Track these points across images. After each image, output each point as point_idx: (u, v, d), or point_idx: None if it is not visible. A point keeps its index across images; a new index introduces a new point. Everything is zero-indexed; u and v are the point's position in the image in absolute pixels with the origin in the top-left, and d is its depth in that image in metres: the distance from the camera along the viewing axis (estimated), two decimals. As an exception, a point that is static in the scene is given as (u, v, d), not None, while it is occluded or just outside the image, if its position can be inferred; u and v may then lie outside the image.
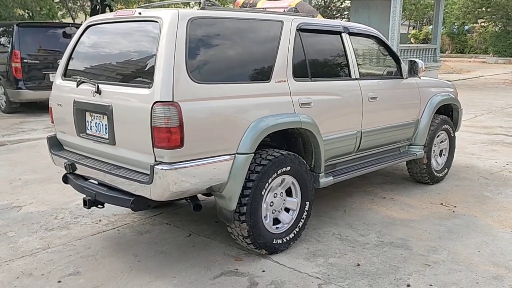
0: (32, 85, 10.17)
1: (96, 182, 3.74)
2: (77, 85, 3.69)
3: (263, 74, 3.66)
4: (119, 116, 3.34)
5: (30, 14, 13.91)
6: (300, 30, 3.98)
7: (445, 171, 5.71)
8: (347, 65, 4.39)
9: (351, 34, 4.49)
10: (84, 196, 3.64)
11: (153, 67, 3.16)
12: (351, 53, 4.41)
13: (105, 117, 3.46)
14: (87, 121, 3.66)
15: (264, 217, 3.67)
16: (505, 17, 32.20)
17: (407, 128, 5.08)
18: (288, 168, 3.70)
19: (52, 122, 4.08)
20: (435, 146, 5.50)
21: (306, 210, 3.93)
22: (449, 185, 5.55)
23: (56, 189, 5.35)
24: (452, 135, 5.73)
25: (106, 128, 3.48)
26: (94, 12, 20.51)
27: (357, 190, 5.34)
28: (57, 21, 17.15)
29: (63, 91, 3.88)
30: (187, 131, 3.11)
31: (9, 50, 10.12)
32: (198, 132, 3.19)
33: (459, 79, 19.49)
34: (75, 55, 3.96)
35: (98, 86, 3.46)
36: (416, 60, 4.93)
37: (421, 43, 30.76)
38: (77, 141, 3.80)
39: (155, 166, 3.10)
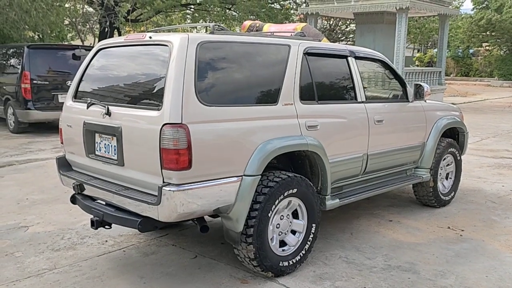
0: (41, 106, 10.30)
1: (104, 203, 3.77)
2: (87, 107, 3.74)
3: (271, 97, 3.71)
4: (128, 138, 3.38)
5: (40, 36, 14.14)
6: (307, 54, 4.04)
7: (452, 194, 5.69)
8: (353, 88, 4.43)
9: (357, 58, 4.55)
10: (92, 216, 3.66)
11: (162, 90, 3.21)
12: (357, 77, 4.45)
13: (114, 138, 3.50)
14: (96, 142, 3.70)
15: (271, 239, 3.66)
16: (510, 41, 32.45)
17: (413, 151, 5.09)
18: (295, 190, 3.72)
19: (62, 142, 4.13)
20: (441, 169, 5.50)
21: (313, 233, 3.93)
22: (456, 209, 5.53)
23: (63, 209, 5.38)
24: (459, 158, 5.73)
25: (115, 149, 3.52)
26: (102, 35, 20.85)
27: (364, 212, 5.33)
28: (66, 43, 17.40)
29: (73, 113, 3.94)
30: (195, 153, 3.14)
31: (19, 71, 10.28)
32: (206, 154, 3.22)
33: (464, 102, 19.54)
34: (86, 78, 4.02)
35: (108, 108, 3.51)
36: (422, 83, 4.97)
37: (426, 66, 30.90)
38: (86, 162, 3.84)
39: (163, 187, 3.12)
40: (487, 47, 35.30)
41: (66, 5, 16.50)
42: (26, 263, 3.99)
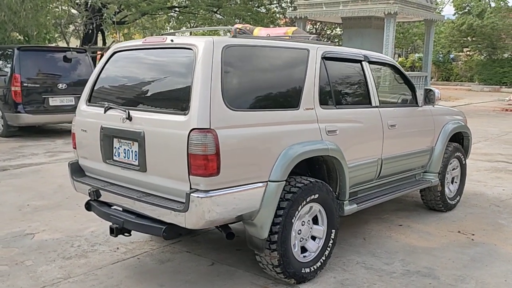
0: (31, 109, 10.05)
1: (121, 209, 3.68)
2: (105, 111, 3.65)
3: (293, 102, 3.67)
4: (151, 143, 3.31)
5: (27, 38, 13.86)
6: (324, 58, 4.02)
7: (457, 198, 5.73)
8: (368, 93, 4.43)
9: (370, 62, 4.55)
10: (110, 224, 3.57)
11: (188, 94, 3.14)
12: (371, 81, 4.45)
13: (136, 143, 3.42)
14: (115, 147, 3.61)
15: (293, 245, 3.62)
16: (490, 46, 33.03)
17: (423, 155, 5.11)
18: (317, 195, 3.68)
19: (74, 147, 4.02)
20: (447, 174, 5.53)
21: (332, 238, 3.90)
22: (462, 213, 5.57)
23: (68, 215, 5.25)
24: (464, 162, 5.78)
25: (136, 155, 3.44)
26: (87, 37, 20.57)
27: (372, 217, 5.33)
28: (54, 44, 17.11)
29: (89, 117, 3.84)
30: (223, 159, 3.08)
31: (9, 73, 10.03)
32: (233, 160, 3.17)
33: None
34: (100, 81, 3.93)
35: (128, 113, 3.43)
36: (432, 88, 5.01)
37: (407, 71, 31.30)
38: (102, 168, 3.74)
39: (191, 194, 3.06)
40: (468, 52, 35.89)
41: (51, 6, 16.19)
42: (39, 272, 3.86)
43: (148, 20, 27.38)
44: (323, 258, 3.84)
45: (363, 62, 4.45)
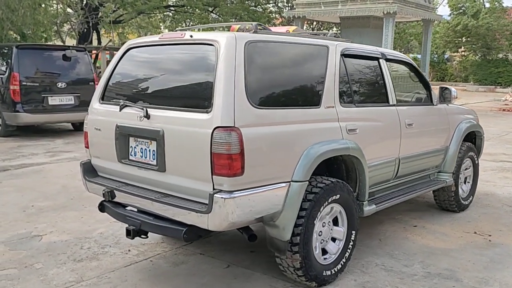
0: (30, 108, 9.89)
1: (136, 210, 3.57)
2: (120, 109, 3.53)
3: (314, 99, 3.57)
4: (171, 142, 3.19)
5: (23, 36, 13.66)
6: (343, 55, 3.92)
7: (470, 198, 5.66)
8: (386, 91, 4.34)
9: (387, 60, 4.46)
10: (127, 225, 3.45)
11: (211, 91, 3.03)
12: (388, 79, 4.37)
13: (154, 142, 3.30)
14: (131, 146, 3.49)
15: (314, 247, 3.52)
16: (485, 46, 33.14)
17: (438, 155, 5.03)
18: (338, 196, 3.59)
19: (87, 147, 3.89)
20: (461, 173, 5.46)
21: (352, 240, 3.81)
22: (475, 213, 5.49)
23: (74, 216, 5.12)
24: (476, 162, 5.71)
25: (154, 154, 3.32)
26: (83, 36, 20.36)
27: (386, 217, 5.23)
28: (50, 43, 16.90)
29: (103, 115, 3.71)
30: (247, 158, 2.98)
31: (7, 72, 9.86)
32: (257, 159, 3.06)
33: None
34: (114, 79, 3.80)
35: (146, 110, 3.31)
36: (449, 87, 4.93)
37: (403, 71, 31.26)
38: (117, 167, 3.62)
39: (215, 195, 2.94)
40: (463, 53, 36.00)
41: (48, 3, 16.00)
42: (50, 275, 3.73)
43: (143, 19, 27.22)
44: (344, 260, 3.74)
45: (380, 60, 4.36)
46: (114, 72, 3.81)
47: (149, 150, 3.35)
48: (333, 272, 3.64)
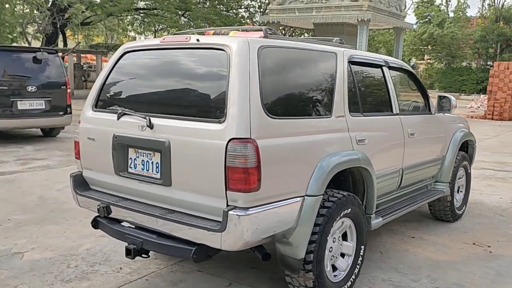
0: (-3, 113, 9.35)
1: (133, 227, 3.30)
2: (118, 118, 3.26)
3: (325, 109, 3.40)
4: (178, 154, 2.94)
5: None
6: (350, 62, 3.77)
7: (464, 208, 5.62)
8: (389, 100, 4.22)
9: (389, 68, 4.34)
10: (126, 244, 3.17)
11: (223, 100, 2.81)
12: (392, 88, 4.25)
13: (157, 154, 3.05)
14: (130, 158, 3.22)
15: (326, 264, 3.34)
16: (450, 54, 34.03)
17: (436, 164, 4.95)
18: (349, 210, 3.42)
19: (78, 158, 3.59)
20: (455, 183, 5.40)
21: (361, 255, 3.64)
22: (470, 223, 5.44)
23: (56, 231, 4.77)
24: (469, 171, 5.67)
25: (157, 167, 3.06)
26: (50, 38, 19.67)
27: (383, 229, 5.07)
28: (15, 44, 16.21)
29: (98, 124, 3.42)
30: (264, 172, 2.77)
31: (-27, 74, 9.30)
32: (273, 173, 2.86)
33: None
34: (109, 85, 3.52)
35: (149, 120, 3.05)
36: (448, 95, 4.85)
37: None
38: (114, 181, 3.34)
39: (229, 212, 2.72)
40: (429, 60, 36.85)
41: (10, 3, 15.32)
42: (37, 298, 3.42)
43: (111, 21, 26.61)
44: (353, 277, 3.57)
45: (383, 67, 4.24)
46: (109, 77, 3.52)
47: (152, 163, 3.10)
48: (344, 289, 3.47)
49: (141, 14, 25.79)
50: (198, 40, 3.10)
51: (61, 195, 6.05)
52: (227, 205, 2.77)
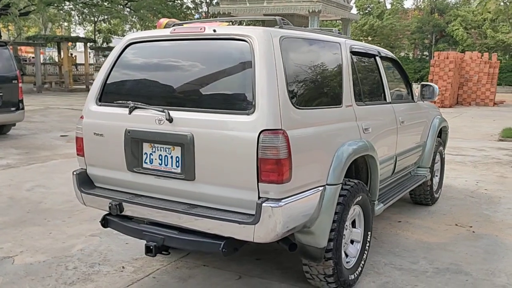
0: None
1: (148, 223, 3.20)
2: (130, 112, 3.13)
3: (337, 98, 3.44)
4: (203, 147, 2.87)
5: None
6: (351, 52, 3.83)
7: (439, 191, 5.88)
8: (383, 88, 4.33)
9: (381, 57, 4.45)
10: (146, 241, 3.06)
11: (251, 91, 2.78)
12: (384, 77, 4.36)
13: (177, 148, 2.97)
14: (145, 153, 3.11)
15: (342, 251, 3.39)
16: (389, 45, 35.24)
17: (419, 150, 5.14)
18: (360, 197, 3.49)
19: (81, 154, 3.42)
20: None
21: (368, 241, 3.74)
22: (446, 205, 5.71)
23: (41, 232, 4.54)
24: (443, 156, 5.93)
25: (178, 161, 2.98)
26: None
27: (369, 215, 5.25)
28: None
29: (106, 118, 3.26)
30: (294, 162, 2.77)
31: None
32: (302, 163, 2.86)
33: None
34: (114, 77, 3.36)
35: (168, 113, 2.95)
36: (430, 84, 5.02)
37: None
38: (126, 177, 3.21)
39: (263, 204, 2.70)
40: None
41: None
42: (45, 304, 3.24)
43: (52, 12, 25.38)
44: (363, 262, 3.66)
45: (377, 57, 4.34)
46: (113, 70, 3.37)
47: (172, 157, 3.00)
48: (356, 275, 3.55)
49: (80, 4, 24.80)
50: (214, 30, 3.03)
51: (33, 195, 5.76)
52: (259, 197, 2.74)
